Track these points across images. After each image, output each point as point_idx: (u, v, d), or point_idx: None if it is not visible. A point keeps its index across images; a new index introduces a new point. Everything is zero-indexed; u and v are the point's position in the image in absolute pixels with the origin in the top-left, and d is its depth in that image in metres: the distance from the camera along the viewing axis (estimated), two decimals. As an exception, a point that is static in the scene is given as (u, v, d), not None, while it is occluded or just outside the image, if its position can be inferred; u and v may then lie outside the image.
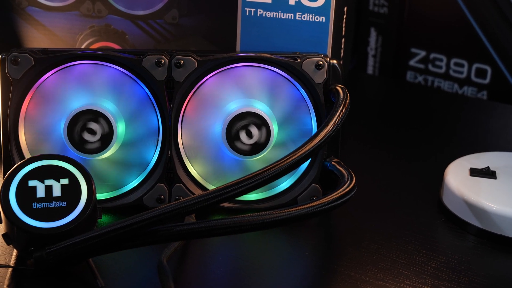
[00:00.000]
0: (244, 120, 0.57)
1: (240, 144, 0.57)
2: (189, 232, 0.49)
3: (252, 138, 0.57)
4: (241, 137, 0.57)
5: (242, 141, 0.57)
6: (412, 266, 0.53)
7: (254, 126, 0.57)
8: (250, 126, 0.57)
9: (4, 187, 0.49)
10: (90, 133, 0.57)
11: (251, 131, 0.57)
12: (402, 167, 0.68)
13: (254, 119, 0.57)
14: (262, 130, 0.57)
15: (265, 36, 0.63)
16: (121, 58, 0.57)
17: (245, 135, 0.57)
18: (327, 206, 0.50)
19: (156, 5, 0.65)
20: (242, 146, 0.58)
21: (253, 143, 0.58)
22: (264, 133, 0.57)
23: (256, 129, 0.57)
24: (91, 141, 0.57)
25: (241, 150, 0.58)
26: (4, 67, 0.57)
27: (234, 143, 0.57)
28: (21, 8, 0.67)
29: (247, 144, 0.58)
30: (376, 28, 0.91)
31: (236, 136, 0.57)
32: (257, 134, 0.57)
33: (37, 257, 0.48)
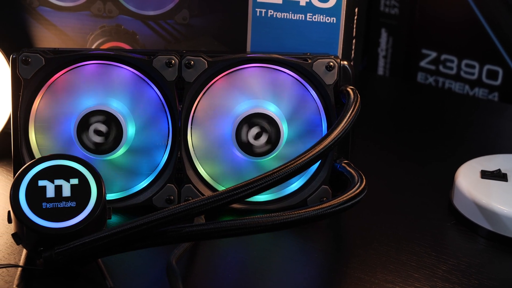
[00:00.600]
0: (254, 121, 0.57)
1: (250, 145, 0.57)
2: (199, 233, 0.49)
3: (262, 139, 0.57)
4: (251, 138, 0.57)
5: (252, 142, 0.57)
6: (422, 269, 0.53)
7: (264, 127, 0.57)
8: (260, 127, 0.57)
9: (14, 187, 0.50)
10: (100, 133, 0.57)
11: (261, 132, 0.57)
12: (412, 169, 0.68)
13: (264, 120, 0.57)
14: (272, 131, 0.57)
15: (276, 37, 0.63)
16: (131, 59, 0.57)
17: (255, 136, 0.57)
18: (337, 208, 0.50)
19: (167, 5, 0.65)
20: (252, 147, 0.57)
21: (263, 144, 0.57)
22: (274, 134, 0.57)
23: (266, 130, 0.57)
24: (101, 142, 0.57)
25: (251, 151, 0.57)
26: (15, 67, 0.57)
27: (244, 144, 0.57)
28: (32, 7, 0.67)
29: (257, 145, 0.57)
30: (387, 29, 0.90)
31: (246, 137, 0.57)
32: (267, 135, 0.57)
33: (47, 257, 0.48)
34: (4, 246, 0.53)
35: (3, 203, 0.59)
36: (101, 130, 0.57)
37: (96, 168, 0.51)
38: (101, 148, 0.57)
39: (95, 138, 0.57)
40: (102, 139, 0.57)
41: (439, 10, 0.87)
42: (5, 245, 0.53)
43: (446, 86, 0.88)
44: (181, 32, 0.65)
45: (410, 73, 0.91)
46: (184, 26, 0.65)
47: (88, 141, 0.57)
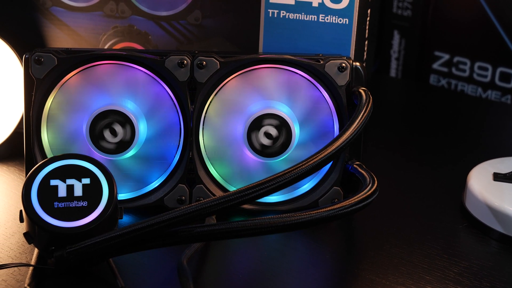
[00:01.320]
0: (265, 121, 0.57)
1: (261, 145, 0.57)
2: (210, 234, 0.49)
3: (273, 140, 0.57)
4: (262, 139, 0.57)
5: (263, 143, 0.57)
6: (434, 271, 0.52)
7: (275, 127, 0.57)
8: (272, 128, 0.57)
9: (26, 186, 0.50)
10: (112, 133, 0.57)
11: (273, 132, 0.57)
12: (424, 171, 0.68)
13: (276, 121, 0.57)
14: (283, 132, 0.57)
15: (288, 37, 0.62)
16: (144, 59, 0.57)
17: (266, 137, 0.57)
18: (348, 209, 0.50)
19: (179, 6, 0.65)
20: (263, 147, 0.57)
21: (275, 145, 0.57)
22: (286, 135, 0.57)
23: (277, 130, 0.57)
24: (113, 141, 0.57)
25: (262, 151, 0.57)
26: (27, 67, 0.57)
27: (255, 145, 0.57)
28: (45, 8, 0.67)
29: (268, 146, 0.57)
30: (400, 31, 0.90)
31: (257, 137, 0.57)
32: (279, 136, 0.57)
33: (58, 257, 0.48)
34: (16, 245, 0.54)
35: (15, 203, 0.60)
36: (113, 129, 0.57)
37: (107, 168, 0.51)
38: (113, 148, 0.57)
39: (107, 138, 0.57)
40: (114, 139, 0.57)
41: (452, 12, 0.87)
42: (17, 244, 0.54)
43: (459, 88, 0.88)
44: (193, 33, 0.65)
45: (422, 75, 0.90)
46: (197, 27, 0.65)
47: (100, 141, 0.57)
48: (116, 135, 0.57)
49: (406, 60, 0.91)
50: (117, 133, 0.57)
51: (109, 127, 0.57)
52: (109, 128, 0.57)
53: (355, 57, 0.62)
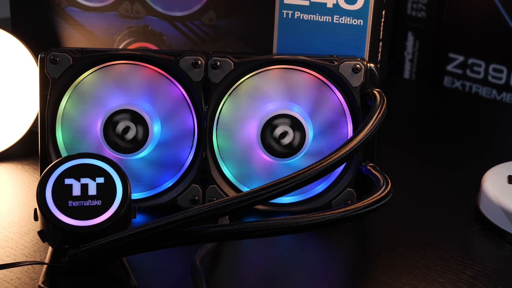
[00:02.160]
0: (279, 122, 0.57)
1: (275, 146, 0.57)
2: (223, 234, 0.49)
3: (287, 140, 0.57)
4: (276, 139, 0.57)
5: (277, 143, 0.57)
6: (447, 274, 0.52)
7: (289, 128, 0.57)
8: (286, 129, 0.57)
9: (40, 185, 0.50)
10: (126, 133, 0.57)
11: (286, 133, 0.57)
12: (438, 174, 0.68)
13: (290, 121, 0.57)
14: (297, 133, 0.57)
15: (302, 38, 0.62)
16: (158, 59, 0.57)
17: (280, 137, 0.57)
18: (362, 211, 0.50)
19: (194, 6, 0.65)
20: (277, 148, 0.57)
21: (288, 146, 0.57)
22: (299, 136, 0.57)
23: (291, 131, 0.57)
24: (127, 141, 0.57)
25: (276, 152, 0.57)
26: (43, 66, 0.57)
27: (269, 145, 0.57)
28: (60, 8, 0.67)
29: (282, 147, 0.57)
30: (414, 32, 0.90)
31: (271, 138, 0.57)
32: (292, 136, 0.57)
33: (72, 255, 0.48)
34: (30, 243, 0.54)
35: (29, 201, 0.60)
36: (127, 129, 0.57)
37: (121, 167, 0.51)
38: (127, 147, 0.57)
39: (121, 138, 0.57)
40: (128, 139, 0.57)
41: (466, 14, 0.86)
42: (31, 242, 0.54)
43: (473, 90, 0.87)
44: (207, 33, 0.65)
45: (436, 77, 0.90)
46: (211, 27, 0.65)
47: (114, 141, 0.57)
48: (130, 134, 0.57)
49: (420, 62, 0.91)
50: (131, 133, 0.57)
51: (123, 127, 0.57)
52: (123, 128, 0.57)
53: (369, 58, 0.62)
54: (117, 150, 0.57)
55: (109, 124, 0.57)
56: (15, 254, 0.52)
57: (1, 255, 0.52)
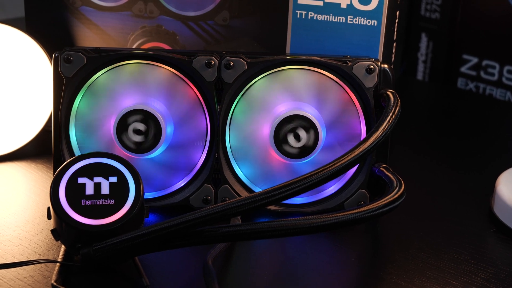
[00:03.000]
0: (292, 123, 0.57)
1: (288, 147, 0.57)
2: (235, 234, 0.48)
3: (300, 141, 0.57)
4: (289, 140, 0.57)
5: (290, 144, 0.57)
6: (461, 276, 0.52)
7: (302, 129, 0.57)
8: (299, 129, 0.57)
9: (54, 184, 0.50)
10: (139, 132, 0.57)
11: (299, 134, 0.57)
12: (451, 176, 0.67)
13: (303, 122, 0.57)
14: (310, 134, 0.57)
15: (316, 39, 0.62)
16: (171, 59, 0.57)
17: (293, 138, 0.57)
18: (375, 212, 0.49)
19: (207, 6, 0.65)
20: (289, 149, 0.57)
21: (301, 147, 0.57)
22: (312, 137, 0.57)
23: (304, 132, 0.57)
24: (140, 141, 0.57)
25: (288, 153, 0.57)
26: (57, 65, 0.57)
27: (281, 146, 0.57)
28: (75, 7, 0.68)
29: (295, 147, 0.57)
30: (427, 34, 0.89)
31: (284, 139, 0.57)
32: (305, 137, 0.57)
33: (84, 254, 0.48)
34: (43, 241, 0.54)
35: (43, 199, 0.60)
36: (140, 129, 0.57)
37: (134, 166, 0.52)
38: (140, 147, 0.57)
39: (134, 137, 0.57)
40: (141, 138, 0.57)
41: (480, 16, 0.86)
42: (44, 240, 0.54)
43: (487, 92, 0.87)
44: (221, 33, 0.65)
45: (450, 79, 0.89)
46: (224, 27, 0.65)
47: (127, 140, 0.57)
48: (143, 134, 0.57)
49: (433, 63, 0.90)
50: (144, 132, 0.57)
51: (136, 126, 0.57)
52: (136, 128, 0.57)
53: (383, 59, 0.62)
54: (130, 149, 0.57)
55: (122, 124, 0.57)
56: (28, 253, 0.53)
57: (15, 253, 0.52)
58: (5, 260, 0.51)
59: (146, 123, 0.57)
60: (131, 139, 0.57)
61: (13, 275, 0.50)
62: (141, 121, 0.57)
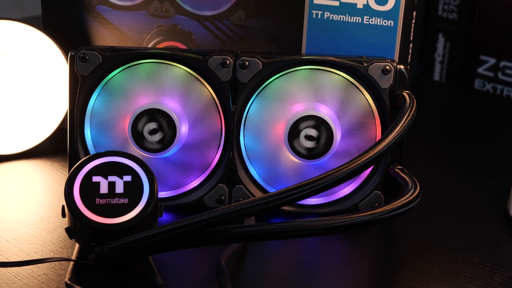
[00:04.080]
0: (307, 123, 0.57)
1: (302, 147, 0.57)
2: (249, 234, 0.48)
3: (314, 142, 0.57)
4: (303, 140, 0.57)
5: (305, 144, 0.57)
6: (476, 280, 0.51)
7: (317, 129, 0.57)
8: (313, 130, 0.57)
9: (68, 182, 0.50)
10: (154, 131, 0.57)
11: (314, 134, 0.57)
12: (467, 179, 0.67)
13: (318, 122, 0.57)
14: (324, 134, 0.57)
15: (331, 39, 0.62)
16: (187, 58, 0.57)
17: (307, 138, 0.57)
18: (389, 214, 0.49)
19: (223, 6, 0.65)
20: (304, 149, 0.57)
21: (316, 147, 0.57)
22: (327, 137, 0.57)
23: (319, 133, 0.57)
24: (155, 139, 0.57)
25: (303, 153, 0.57)
26: (73, 64, 0.58)
27: (296, 146, 0.57)
28: (91, 6, 0.68)
29: (310, 148, 0.57)
30: (444, 34, 0.89)
31: (298, 139, 0.57)
32: (320, 138, 0.57)
33: (98, 252, 0.49)
34: (58, 239, 0.54)
35: (57, 198, 0.60)
36: (156, 128, 0.57)
37: (149, 165, 0.52)
38: (155, 146, 0.57)
39: (149, 137, 0.57)
40: (156, 138, 0.57)
41: (498, 16, 0.85)
42: (58, 238, 0.54)
43: (505, 93, 0.86)
44: (236, 33, 0.65)
45: (467, 80, 0.89)
46: (240, 27, 0.65)
47: (142, 139, 0.57)
48: (157, 133, 0.57)
49: (450, 64, 0.90)
50: (159, 132, 0.57)
51: (151, 126, 0.57)
52: (151, 127, 0.57)
53: (399, 60, 0.61)
54: (144, 148, 0.57)
55: (137, 122, 0.57)
56: (42, 250, 0.53)
57: (29, 251, 0.53)
58: (19, 258, 0.52)
59: (161, 123, 0.57)
60: (146, 138, 0.57)
61: (27, 272, 0.50)
62: (155, 120, 0.57)
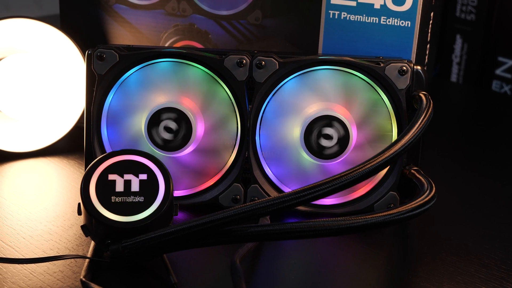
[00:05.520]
0: (323, 123, 0.57)
1: (318, 147, 0.57)
2: (263, 234, 0.48)
3: (330, 142, 0.57)
4: (319, 140, 0.57)
5: (320, 144, 0.57)
6: (491, 282, 0.51)
7: (333, 130, 0.57)
8: (329, 130, 0.57)
9: (85, 180, 0.51)
10: (170, 130, 0.57)
11: (330, 134, 0.57)
12: (483, 181, 0.66)
13: (334, 122, 0.57)
14: (341, 134, 0.57)
15: (348, 39, 0.62)
16: (203, 57, 0.58)
17: (323, 138, 0.57)
18: (405, 215, 0.49)
19: (240, 5, 0.65)
20: (320, 149, 0.57)
21: (331, 147, 0.57)
22: (343, 138, 0.57)
23: (335, 133, 0.57)
24: (170, 139, 0.57)
25: (319, 153, 0.57)
26: (90, 63, 0.58)
27: (312, 146, 0.57)
28: (108, 5, 0.68)
29: (325, 148, 0.57)
30: (462, 35, 0.88)
31: (314, 139, 0.57)
32: (336, 138, 0.57)
33: (114, 250, 0.49)
34: (74, 237, 0.55)
35: (73, 195, 0.61)
36: (171, 127, 0.57)
37: (164, 164, 0.52)
38: (170, 145, 0.57)
39: (165, 135, 0.57)
40: (172, 136, 0.57)
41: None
42: (74, 236, 0.55)
43: (523, 95, 0.86)
44: (253, 33, 0.65)
45: (484, 81, 0.88)
46: (257, 27, 0.65)
47: (157, 138, 0.57)
48: (173, 132, 0.57)
49: (468, 65, 0.89)
50: (175, 130, 0.57)
51: (167, 124, 0.57)
52: (167, 126, 0.57)
53: (416, 60, 0.61)
54: (160, 147, 0.57)
55: (153, 121, 0.57)
56: (58, 248, 0.53)
57: (45, 248, 0.53)
58: (35, 255, 0.52)
59: (177, 121, 0.57)
60: (162, 137, 0.57)
61: (43, 269, 0.50)
62: (172, 119, 0.57)
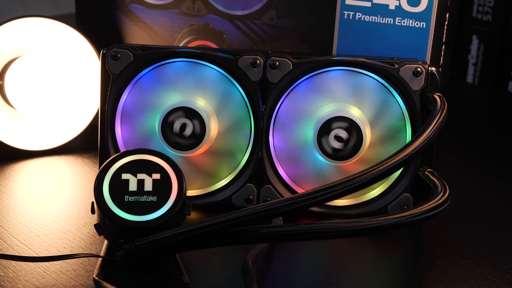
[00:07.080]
0: (337, 124, 0.56)
1: (331, 148, 0.57)
2: (276, 235, 0.48)
3: (344, 143, 0.57)
4: (332, 141, 0.57)
5: (334, 145, 0.57)
6: (505, 285, 0.51)
7: (346, 131, 0.57)
8: (343, 131, 0.57)
9: (98, 179, 0.51)
10: (183, 130, 0.57)
11: (343, 136, 0.57)
12: (498, 185, 0.66)
13: (347, 124, 0.56)
14: (354, 136, 0.57)
15: (363, 40, 0.62)
16: (217, 57, 0.58)
17: (337, 139, 0.57)
18: (418, 217, 0.49)
19: (254, 6, 0.65)
20: (333, 150, 0.57)
21: (345, 148, 0.57)
22: (356, 139, 0.57)
23: (348, 134, 0.57)
24: (184, 138, 0.57)
25: (332, 154, 0.57)
26: (104, 62, 0.58)
27: (325, 147, 0.57)
28: (124, 5, 0.68)
29: (339, 149, 0.57)
30: (479, 36, 0.88)
31: (327, 140, 0.57)
32: (349, 139, 0.57)
33: (126, 249, 0.49)
34: (87, 235, 0.55)
35: (87, 194, 0.61)
36: (185, 127, 0.57)
37: (178, 164, 0.52)
38: (184, 144, 0.57)
39: (179, 135, 0.57)
40: (186, 136, 0.57)
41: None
42: (87, 234, 0.55)
43: (539, 97, 0.85)
44: (267, 33, 0.65)
45: (501, 82, 0.88)
46: (271, 27, 0.65)
47: (171, 137, 0.57)
48: (187, 132, 0.57)
49: (484, 66, 0.88)
50: (189, 130, 0.57)
51: (180, 124, 0.57)
52: (181, 125, 0.57)
53: (431, 62, 0.61)
54: (174, 147, 0.58)
55: (167, 121, 0.57)
56: (71, 246, 0.53)
57: (59, 247, 0.53)
58: (49, 253, 0.52)
59: (191, 121, 0.57)
60: (176, 137, 0.57)
61: (56, 268, 0.51)
62: (186, 119, 0.57)
